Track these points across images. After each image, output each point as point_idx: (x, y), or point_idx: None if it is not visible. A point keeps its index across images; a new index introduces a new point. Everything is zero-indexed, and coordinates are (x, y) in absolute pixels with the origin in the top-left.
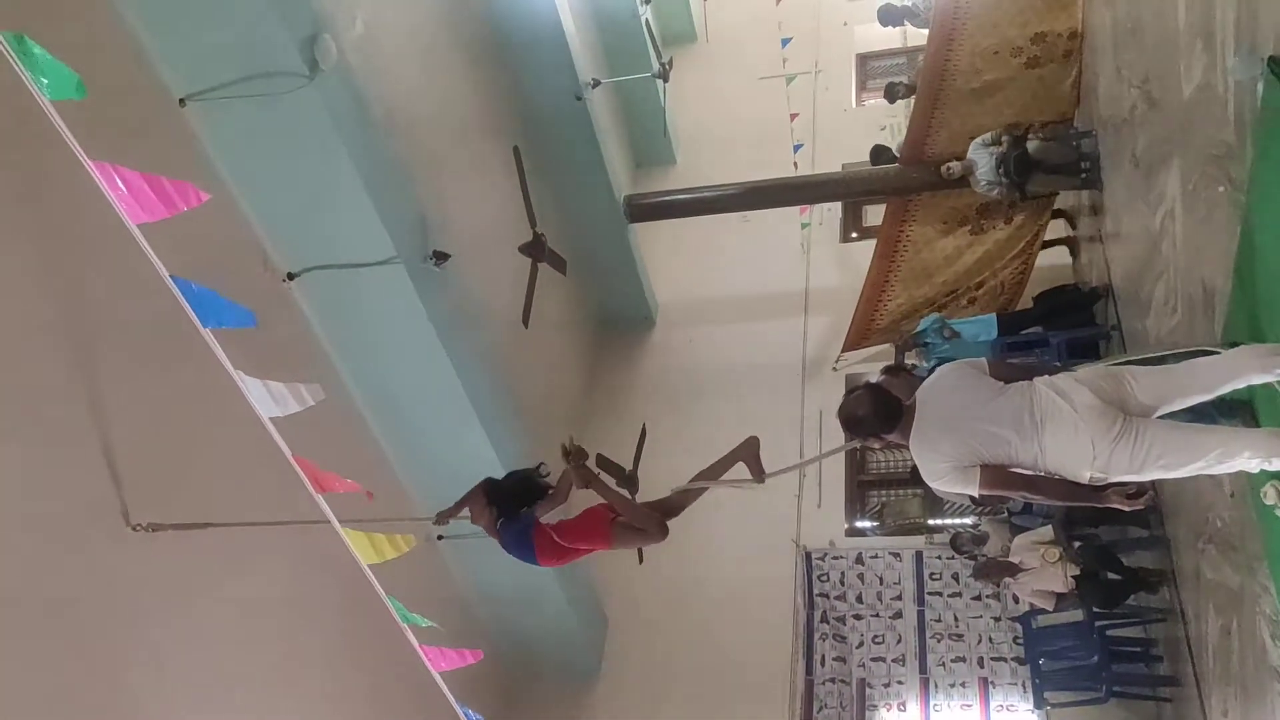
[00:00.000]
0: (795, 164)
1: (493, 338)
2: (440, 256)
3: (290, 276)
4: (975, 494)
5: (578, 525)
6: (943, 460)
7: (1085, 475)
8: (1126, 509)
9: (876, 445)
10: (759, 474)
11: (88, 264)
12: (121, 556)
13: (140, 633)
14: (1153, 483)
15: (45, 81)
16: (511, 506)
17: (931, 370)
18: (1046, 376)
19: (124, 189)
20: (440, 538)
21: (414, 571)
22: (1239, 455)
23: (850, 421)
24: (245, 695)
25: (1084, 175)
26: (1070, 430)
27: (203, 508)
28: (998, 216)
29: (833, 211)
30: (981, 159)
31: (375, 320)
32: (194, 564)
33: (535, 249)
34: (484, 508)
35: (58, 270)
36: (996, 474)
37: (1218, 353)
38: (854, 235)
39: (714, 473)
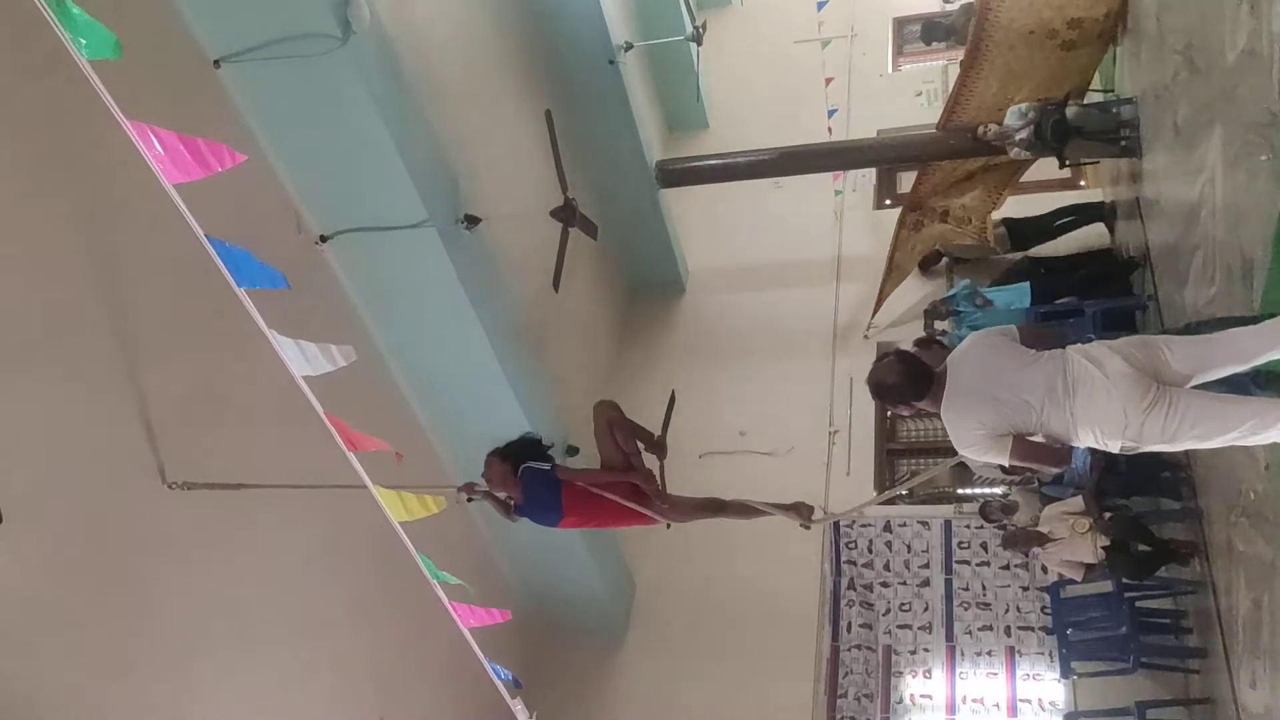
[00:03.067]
0: (829, 129)
1: (523, 302)
2: (471, 220)
3: (323, 239)
4: (1005, 463)
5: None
6: (976, 428)
7: (1117, 445)
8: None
9: (906, 413)
10: (807, 521)
11: (125, 224)
12: (159, 513)
13: (176, 587)
14: (1186, 454)
15: (83, 42)
16: (520, 459)
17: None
18: (1079, 344)
19: (160, 150)
20: (470, 499)
21: (445, 531)
22: (1273, 427)
23: (880, 389)
24: (278, 649)
25: (1124, 143)
26: (1103, 397)
27: (237, 466)
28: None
29: (867, 178)
30: (1018, 125)
31: (407, 283)
32: (229, 520)
33: (566, 213)
34: (499, 468)
35: (96, 231)
36: (1028, 445)
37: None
38: (887, 202)
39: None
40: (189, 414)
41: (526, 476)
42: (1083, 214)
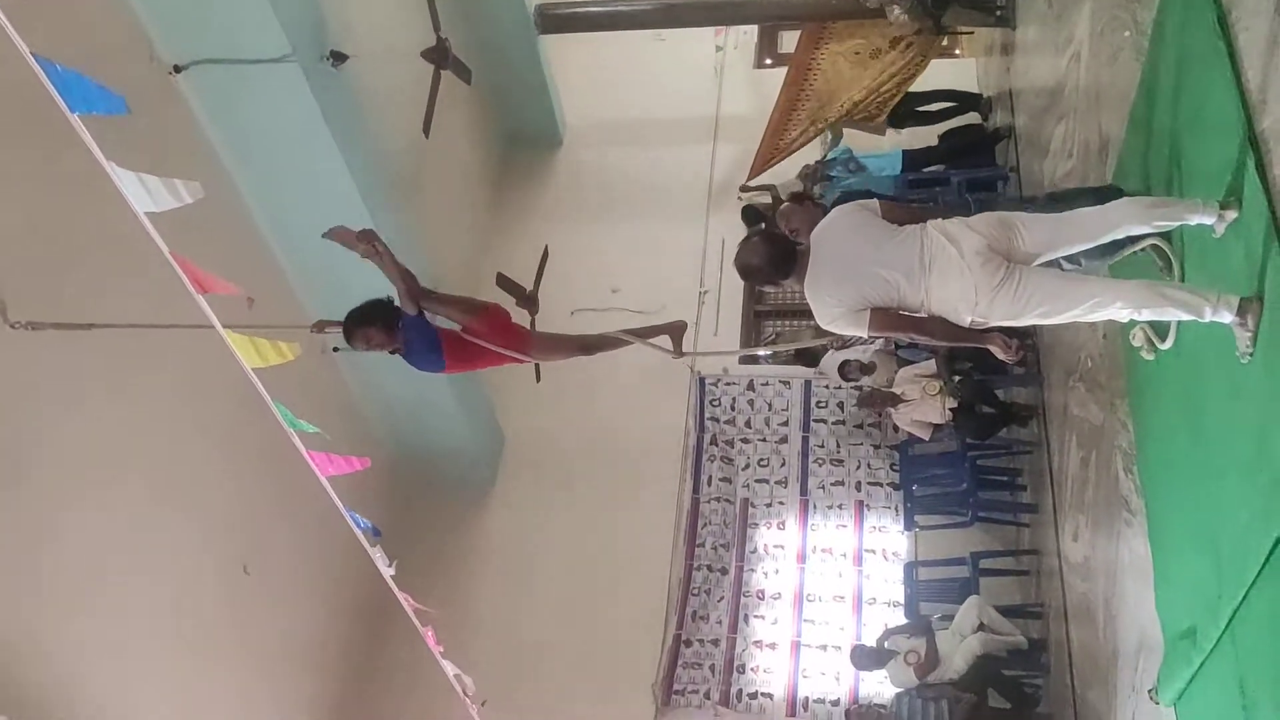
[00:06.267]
0: None
1: (392, 147)
2: (338, 57)
3: (177, 69)
4: (865, 335)
5: (499, 328)
6: (836, 306)
7: (966, 319)
8: (1003, 358)
9: (771, 289)
10: (678, 349)
11: None
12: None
13: (26, 432)
14: (1033, 327)
15: None
16: (391, 318)
17: (836, 201)
18: (939, 220)
19: None
20: (336, 349)
21: (307, 381)
22: (1111, 305)
23: (746, 270)
24: (134, 496)
25: (999, 12)
26: (956, 275)
27: (85, 307)
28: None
29: (748, 35)
30: None
31: (269, 121)
32: (78, 364)
33: (438, 55)
34: (377, 331)
35: None
36: (886, 317)
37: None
38: (768, 61)
39: (639, 334)
40: (30, 250)
41: (408, 330)
42: (961, 103)
